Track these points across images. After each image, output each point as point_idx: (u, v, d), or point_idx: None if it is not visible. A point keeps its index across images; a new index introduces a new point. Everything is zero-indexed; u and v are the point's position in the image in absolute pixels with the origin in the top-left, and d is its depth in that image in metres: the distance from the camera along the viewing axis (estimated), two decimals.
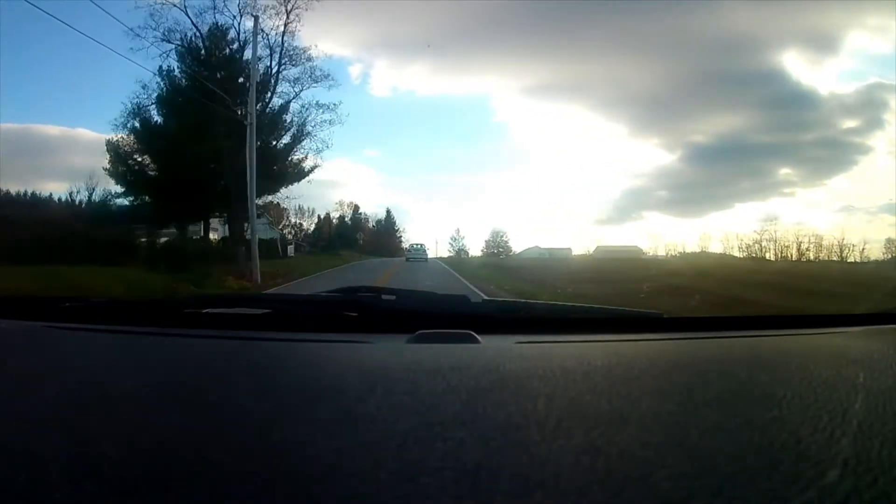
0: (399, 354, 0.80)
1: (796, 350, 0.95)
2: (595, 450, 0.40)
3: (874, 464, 0.38)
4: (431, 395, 0.54)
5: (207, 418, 0.49)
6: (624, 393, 0.56)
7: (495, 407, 0.50)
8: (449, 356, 0.74)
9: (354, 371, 0.68)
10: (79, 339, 0.99)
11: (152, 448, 0.41)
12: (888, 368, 0.71)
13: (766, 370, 0.71)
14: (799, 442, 0.42)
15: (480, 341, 0.91)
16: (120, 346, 0.89)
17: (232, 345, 0.94)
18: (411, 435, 0.43)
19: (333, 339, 0.98)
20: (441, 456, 0.39)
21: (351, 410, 0.50)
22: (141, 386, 0.60)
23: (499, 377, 0.62)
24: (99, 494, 0.34)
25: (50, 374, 0.69)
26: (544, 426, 0.45)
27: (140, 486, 0.35)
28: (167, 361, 0.76)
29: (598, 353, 0.80)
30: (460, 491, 0.34)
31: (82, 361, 0.78)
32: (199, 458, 0.39)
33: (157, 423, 0.47)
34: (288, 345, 0.94)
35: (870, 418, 0.48)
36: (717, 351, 0.94)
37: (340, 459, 0.38)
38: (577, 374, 0.64)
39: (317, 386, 0.60)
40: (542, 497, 0.33)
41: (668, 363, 0.78)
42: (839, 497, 0.33)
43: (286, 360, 0.79)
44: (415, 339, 0.92)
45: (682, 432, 0.45)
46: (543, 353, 0.80)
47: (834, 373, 0.66)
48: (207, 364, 0.76)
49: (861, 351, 0.87)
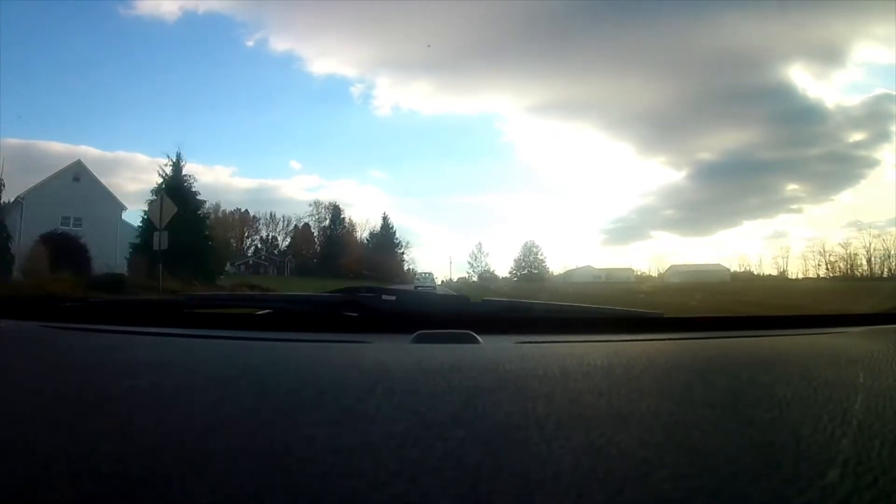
0: (399, 354, 0.80)
1: (796, 350, 0.95)
2: (595, 450, 0.40)
3: (874, 464, 0.38)
4: (431, 395, 0.54)
5: (207, 418, 0.49)
6: (624, 393, 0.56)
7: (495, 407, 0.50)
8: (449, 356, 0.74)
9: (354, 371, 0.68)
10: (78, 339, 0.99)
11: (152, 448, 0.41)
12: (888, 368, 0.71)
13: (767, 370, 0.71)
14: (799, 442, 0.42)
15: (480, 341, 0.91)
16: (119, 346, 0.89)
17: (232, 345, 0.94)
18: (411, 435, 0.43)
19: (333, 339, 0.98)
20: (441, 456, 0.39)
21: (351, 410, 0.50)
22: (140, 386, 0.60)
23: (499, 377, 0.62)
24: (99, 494, 0.34)
25: (50, 374, 0.69)
26: (544, 426, 0.45)
27: (140, 485, 0.35)
28: (167, 361, 0.76)
29: (598, 353, 0.80)
30: (460, 491, 0.34)
31: (82, 361, 0.78)
32: (198, 458, 0.39)
33: (157, 423, 0.47)
34: (288, 345, 0.94)
35: (870, 418, 0.48)
36: (717, 351, 0.94)
37: (340, 459, 0.38)
38: (577, 374, 0.64)
39: (317, 386, 0.60)
40: (542, 497, 0.33)
41: (668, 363, 0.78)
42: (839, 497, 0.33)
43: (286, 360, 0.79)
44: (415, 339, 0.92)
45: (682, 432, 0.45)
46: (543, 353, 0.80)
47: (834, 373, 0.66)
48: (207, 364, 0.76)
49: (861, 351, 0.87)
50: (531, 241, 40.18)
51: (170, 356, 0.81)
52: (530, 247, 39.78)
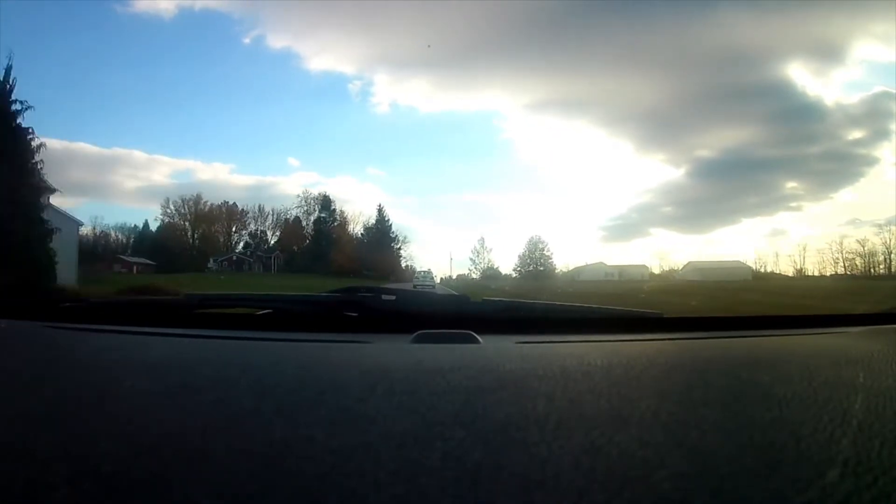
0: (399, 354, 0.80)
1: (796, 350, 0.95)
2: (595, 450, 0.40)
3: (874, 464, 0.38)
4: (431, 395, 0.54)
5: (207, 418, 0.49)
6: (624, 393, 0.56)
7: (495, 407, 0.50)
8: (449, 356, 0.74)
9: (354, 371, 0.68)
10: (79, 339, 0.99)
11: (152, 448, 0.41)
12: (888, 368, 0.71)
13: (767, 370, 0.71)
14: (799, 442, 0.42)
15: (480, 341, 0.91)
16: (119, 346, 0.89)
17: (232, 345, 0.94)
18: (411, 435, 0.43)
19: (333, 339, 0.98)
20: (441, 456, 0.39)
21: (351, 410, 0.50)
22: (140, 386, 0.60)
23: (499, 377, 0.62)
24: (99, 494, 0.34)
25: (50, 374, 0.69)
26: (544, 426, 0.45)
27: (140, 485, 0.35)
28: (167, 361, 0.76)
29: (598, 353, 0.80)
30: (460, 491, 0.34)
31: (82, 361, 0.78)
32: (198, 458, 0.39)
33: (157, 423, 0.47)
34: (288, 345, 0.94)
35: (870, 418, 0.48)
36: (717, 351, 0.94)
37: (340, 459, 0.38)
38: (577, 374, 0.64)
39: (317, 386, 0.60)
40: (542, 497, 0.33)
41: (668, 363, 0.78)
42: (839, 497, 0.33)
43: (286, 360, 0.79)
44: (415, 339, 0.92)
45: (682, 432, 0.45)
46: (543, 353, 0.80)
47: (834, 373, 0.66)
48: (207, 364, 0.76)
49: (861, 351, 0.87)
50: (537, 236, 37.53)
51: (170, 356, 0.81)
52: (536, 242, 36.86)
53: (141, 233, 41.25)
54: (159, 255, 34.84)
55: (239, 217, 40.02)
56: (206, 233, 39.36)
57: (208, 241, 39.19)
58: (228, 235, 40.17)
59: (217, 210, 39.91)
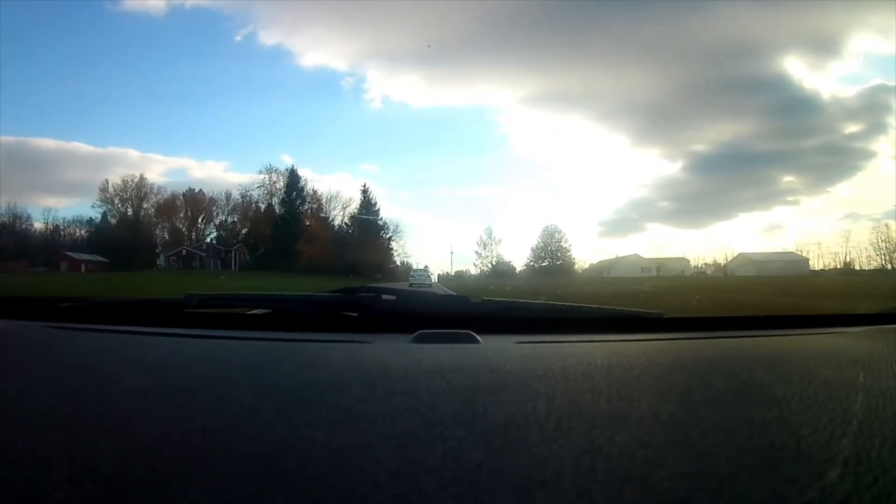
0: (399, 354, 0.80)
1: (796, 350, 0.95)
2: (595, 450, 0.40)
3: (874, 464, 0.38)
4: (431, 395, 0.54)
5: (207, 418, 0.49)
6: (624, 393, 0.56)
7: (495, 407, 0.50)
8: (449, 356, 0.74)
9: (354, 371, 0.68)
10: (78, 338, 0.99)
11: (152, 448, 0.41)
12: (888, 368, 0.71)
13: (767, 370, 0.71)
14: (799, 442, 0.42)
15: (480, 341, 0.91)
16: (119, 346, 0.89)
17: (232, 345, 0.94)
18: (411, 435, 0.43)
19: (333, 339, 0.98)
20: (441, 456, 0.39)
21: (351, 410, 0.50)
22: (140, 386, 0.60)
23: (499, 377, 0.62)
24: (99, 494, 0.34)
25: (50, 374, 0.69)
26: (544, 426, 0.45)
27: (140, 485, 0.35)
28: (167, 361, 0.76)
29: (598, 353, 0.80)
30: (460, 491, 0.34)
31: (82, 361, 0.78)
32: (198, 458, 0.39)
33: (157, 423, 0.47)
34: (288, 345, 0.94)
35: (870, 418, 0.48)
36: (717, 351, 0.94)
37: (340, 459, 0.38)
38: (577, 374, 0.64)
39: (317, 386, 0.60)
40: (542, 497, 0.33)
41: (668, 363, 0.78)
42: (839, 497, 0.33)
43: (286, 360, 0.79)
44: (415, 339, 0.92)
45: (682, 432, 0.45)
46: (543, 353, 0.80)
47: (834, 373, 0.66)
48: (207, 364, 0.76)
49: (861, 351, 0.87)
50: (553, 225, 32.94)
51: (170, 356, 0.81)
52: (552, 232, 32.05)
53: (98, 226, 35.68)
54: (113, 252, 30.57)
55: (205, 205, 33.91)
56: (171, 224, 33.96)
57: (175, 234, 33.77)
58: (192, 225, 34.47)
59: (176, 198, 33.77)
